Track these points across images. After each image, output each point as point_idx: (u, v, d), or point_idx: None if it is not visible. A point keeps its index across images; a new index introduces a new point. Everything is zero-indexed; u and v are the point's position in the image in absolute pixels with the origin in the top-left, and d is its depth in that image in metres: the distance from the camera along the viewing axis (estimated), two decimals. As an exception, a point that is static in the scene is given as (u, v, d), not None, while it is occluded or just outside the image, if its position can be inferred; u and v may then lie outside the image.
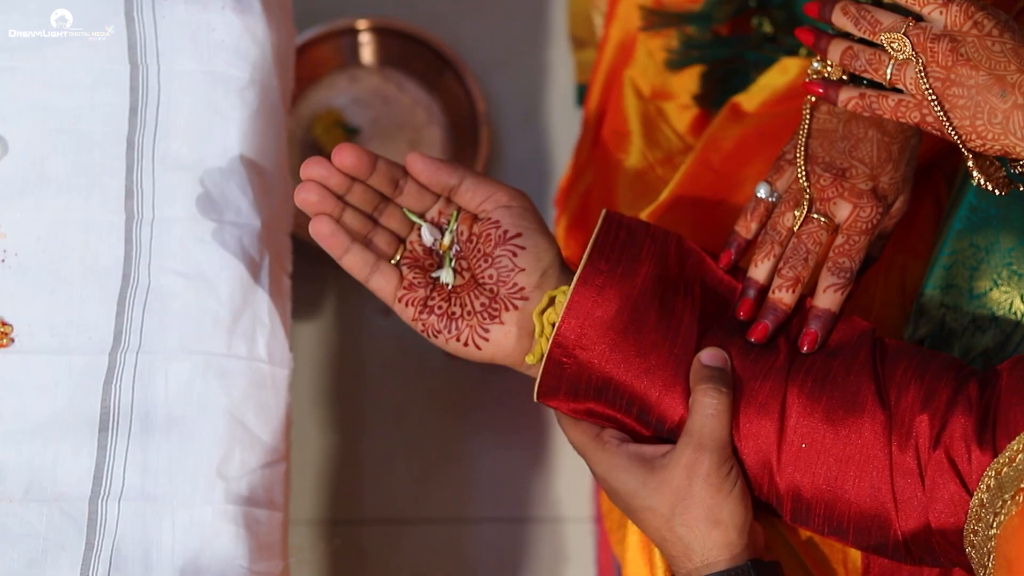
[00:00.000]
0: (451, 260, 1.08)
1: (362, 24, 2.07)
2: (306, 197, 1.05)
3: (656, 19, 1.45)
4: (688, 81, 1.45)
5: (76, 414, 1.13)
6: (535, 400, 1.06)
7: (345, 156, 1.05)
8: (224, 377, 1.16)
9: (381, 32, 2.08)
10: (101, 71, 1.21)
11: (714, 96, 1.43)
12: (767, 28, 1.43)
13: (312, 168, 1.06)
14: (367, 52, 2.09)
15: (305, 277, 1.64)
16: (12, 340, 1.14)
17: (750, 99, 1.33)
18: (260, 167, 1.24)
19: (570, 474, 2.00)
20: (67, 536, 1.10)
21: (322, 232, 1.06)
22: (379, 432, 2.02)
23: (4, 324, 1.14)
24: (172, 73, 1.22)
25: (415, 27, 2.07)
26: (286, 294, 1.27)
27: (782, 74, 1.33)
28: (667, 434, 1.03)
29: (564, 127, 2.13)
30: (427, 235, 1.08)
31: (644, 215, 1.26)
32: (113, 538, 1.10)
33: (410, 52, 2.08)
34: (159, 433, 1.13)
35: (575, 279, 1.02)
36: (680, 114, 1.45)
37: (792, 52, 1.39)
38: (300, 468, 1.88)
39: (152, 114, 1.21)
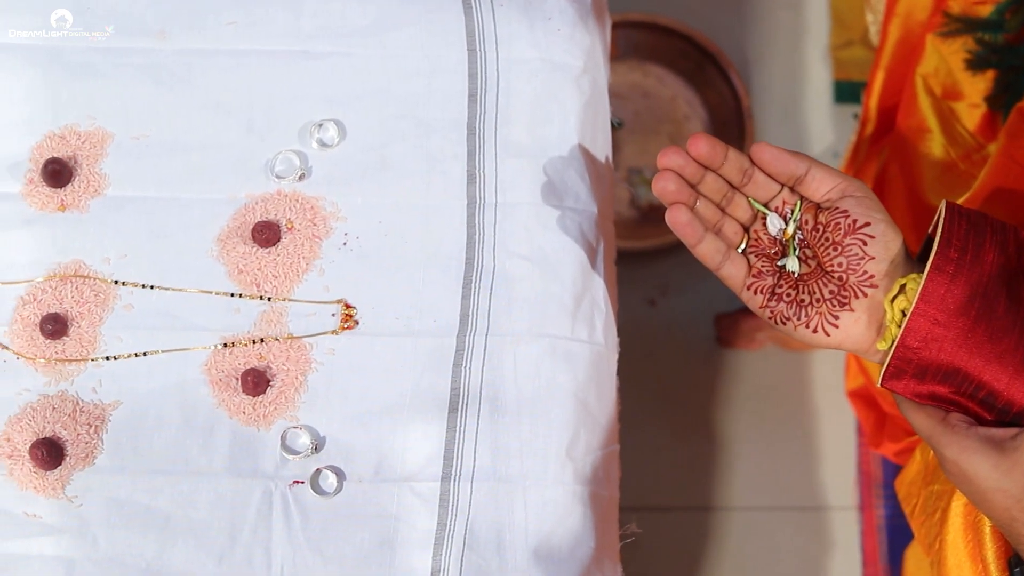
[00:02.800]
0: (795, 248, 1.08)
1: (622, 19, 2.08)
2: (664, 186, 1.06)
3: (959, 25, 1.46)
4: (978, 82, 1.46)
5: (425, 396, 1.14)
6: (879, 385, 1.06)
7: (701, 146, 1.05)
8: (569, 360, 1.17)
9: (640, 27, 2.08)
10: (439, 57, 1.22)
11: (1004, 99, 1.44)
12: None
13: (670, 157, 1.06)
14: (626, 46, 2.10)
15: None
16: (357, 322, 1.16)
17: None
18: (592, 155, 1.25)
19: (834, 462, 1.99)
20: (419, 516, 1.12)
21: (680, 220, 1.06)
22: (644, 420, 2.02)
23: (348, 306, 1.16)
24: (510, 60, 1.23)
25: (677, 22, 2.07)
26: (614, 280, 1.27)
27: None
28: (1012, 418, 1.03)
29: (821, 122, 2.13)
30: (773, 224, 1.08)
31: (958, 208, 1.27)
32: (466, 518, 1.12)
33: (671, 47, 2.09)
34: (509, 415, 1.14)
35: (928, 266, 1.02)
36: (969, 113, 1.45)
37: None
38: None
39: (492, 101, 1.22)
